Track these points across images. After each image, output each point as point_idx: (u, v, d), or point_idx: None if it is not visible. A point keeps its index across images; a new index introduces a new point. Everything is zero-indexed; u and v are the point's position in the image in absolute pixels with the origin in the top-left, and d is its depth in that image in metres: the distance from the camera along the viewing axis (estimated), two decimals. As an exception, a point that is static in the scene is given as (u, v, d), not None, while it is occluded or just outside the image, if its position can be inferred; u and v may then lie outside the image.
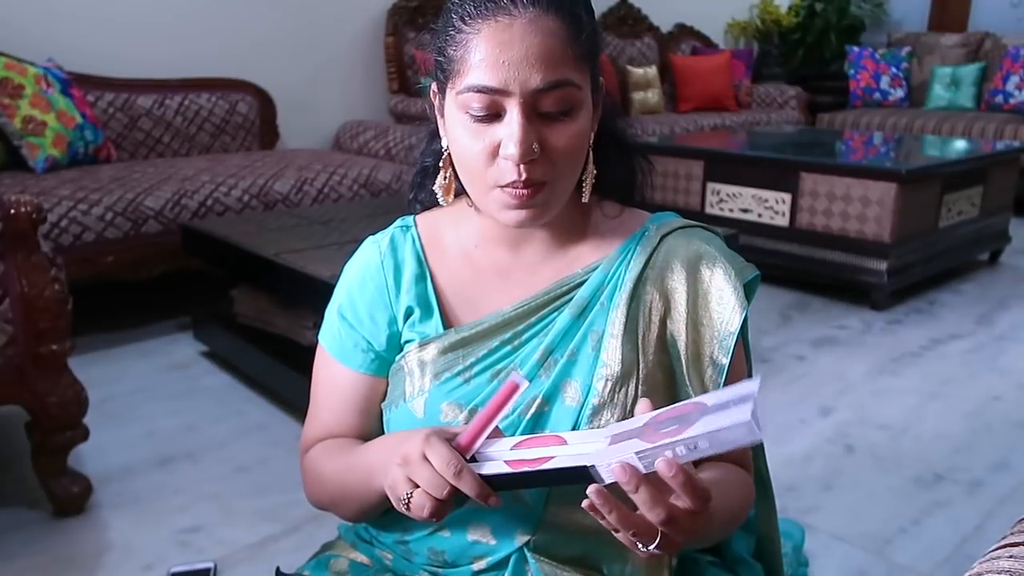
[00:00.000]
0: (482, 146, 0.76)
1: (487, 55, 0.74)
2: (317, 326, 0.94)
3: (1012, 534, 0.67)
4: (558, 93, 0.75)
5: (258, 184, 2.85)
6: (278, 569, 0.93)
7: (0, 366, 1.55)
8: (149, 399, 2.23)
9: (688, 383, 0.83)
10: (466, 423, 0.81)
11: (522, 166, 0.75)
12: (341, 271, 0.93)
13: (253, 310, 2.31)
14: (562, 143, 0.77)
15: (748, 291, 0.85)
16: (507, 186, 0.77)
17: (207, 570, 1.47)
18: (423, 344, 0.85)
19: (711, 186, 3.42)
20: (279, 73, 3.78)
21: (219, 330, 2.43)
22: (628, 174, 0.92)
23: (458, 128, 0.78)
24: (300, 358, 1.98)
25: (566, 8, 0.76)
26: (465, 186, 0.82)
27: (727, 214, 3.36)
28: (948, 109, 5.30)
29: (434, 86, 0.84)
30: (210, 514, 1.69)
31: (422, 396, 0.84)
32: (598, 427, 0.79)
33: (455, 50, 0.76)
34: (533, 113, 0.75)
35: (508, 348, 0.84)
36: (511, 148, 0.74)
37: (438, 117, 0.85)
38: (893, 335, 2.81)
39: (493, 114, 0.75)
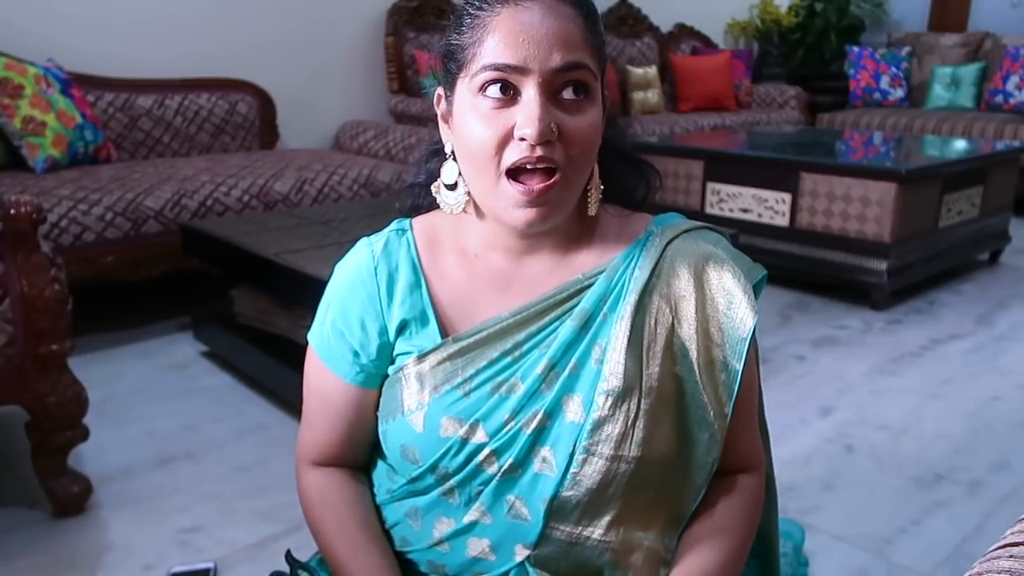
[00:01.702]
0: (495, 131, 0.74)
1: (506, 34, 0.73)
2: (315, 326, 0.93)
3: (1012, 534, 0.67)
4: (576, 74, 0.75)
5: (258, 184, 2.85)
6: (288, 552, 0.93)
7: (0, 366, 1.55)
8: (149, 399, 2.23)
9: (702, 390, 0.81)
10: (466, 438, 0.80)
11: (538, 147, 0.73)
12: (333, 269, 0.91)
13: (253, 310, 2.31)
14: (578, 129, 0.75)
15: (755, 290, 0.84)
16: (519, 179, 0.75)
17: (207, 570, 1.47)
18: (421, 357, 0.83)
19: (711, 186, 3.42)
20: (279, 73, 3.78)
21: (219, 330, 2.43)
22: (636, 184, 0.90)
23: (470, 117, 0.76)
24: (300, 358, 1.96)
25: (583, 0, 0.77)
26: (471, 183, 0.80)
27: (727, 214, 3.36)
28: (948, 109, 5.30)
29: (440, 90, 0.82)
30: (210, 514, 1.69)
31: (421, 410, 0.82)
32: (599, 441, 0.78)
33: (471, 35, 0.75)
34: (550, 95, 0.74)
35: (509, 359, 0.81)
36: (528, 128, 0.73)
37: (442, 124, 0.83)
38: (893, 335, 2.81)
39: (509, 97, 0.74)
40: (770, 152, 3.47)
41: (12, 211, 1.52)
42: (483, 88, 0.74)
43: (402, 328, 0.85)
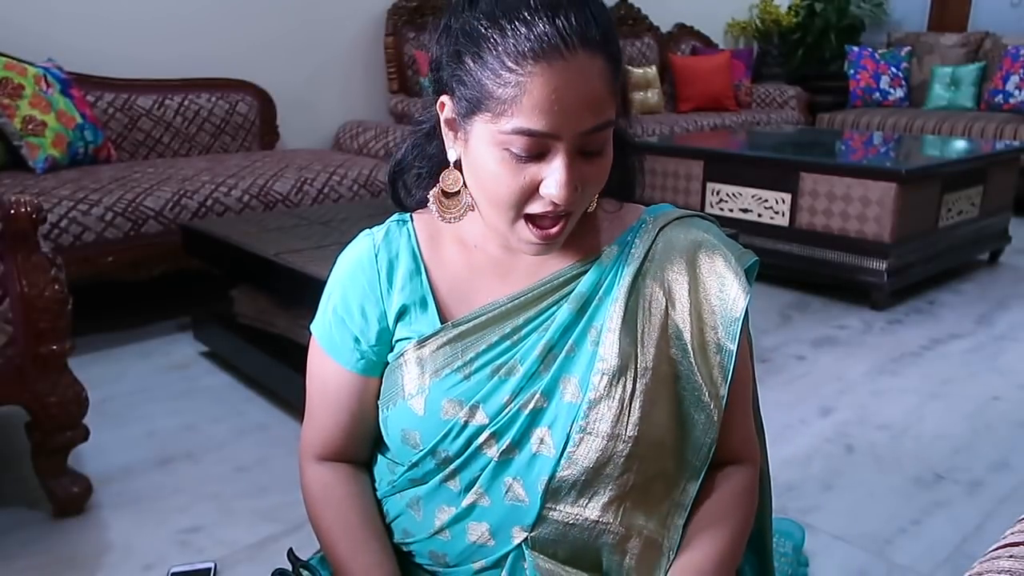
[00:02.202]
0: (519, 184, 0.75)
1: (540, 101, 0.71)
2: (316, 322, 0.94)
3: (1012, 534, 0.67)
4: (603, 134, 0.75)
5: (258, 184, 2.85)
6: (290, 551, 0.93)
7: (0, 366, 1.55)
8: (149, 399, 2.23)
9: (696, 372, 0.83)
10: (467, 420, 0.82)
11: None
12: (335, 260, 0.92)
13: (253, 310, 2.31)
14: (595, 176, 0.78)
15: (747, 276, 0.86)
16: (537, 223, 0.77)
17: (207, 570, 1.47)
18: (421, 342, 0.84)
19: (711, 186, 3.42)
20: (279, 73, 3.78)
21: (219, 330, 2.43)
22: (627, 173, 0.92)
23: (491, 162, 0.75)
24: (300, 358, 1.97)
25: (612, 48, 0.74)
26: (485, 212, 0.81)
27: (727, 214, 3.36)
28: (948, 109, 5.30)
29: (444, 98, 0.80)
30: (210, 514, 1.69)
31: (422, 394, 0.83)
32: (595, 420, 0.79)
33: (501, 87, 0.72)
34: (576, 154, 0.75)
35: (508, 343, 0.83)
36: (554, 190, 0.74)
37: (446, 130, 0.81)
38: (893, 335, 2.81)
39: (536, 154, 0.74)
40: (770, 152, 3.48)
41: (12, 211, 1.52)
42: (511, 148, 0.74)
43: (401, 314, 0.87)
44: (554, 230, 0.77)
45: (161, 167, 2.95)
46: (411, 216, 0.92)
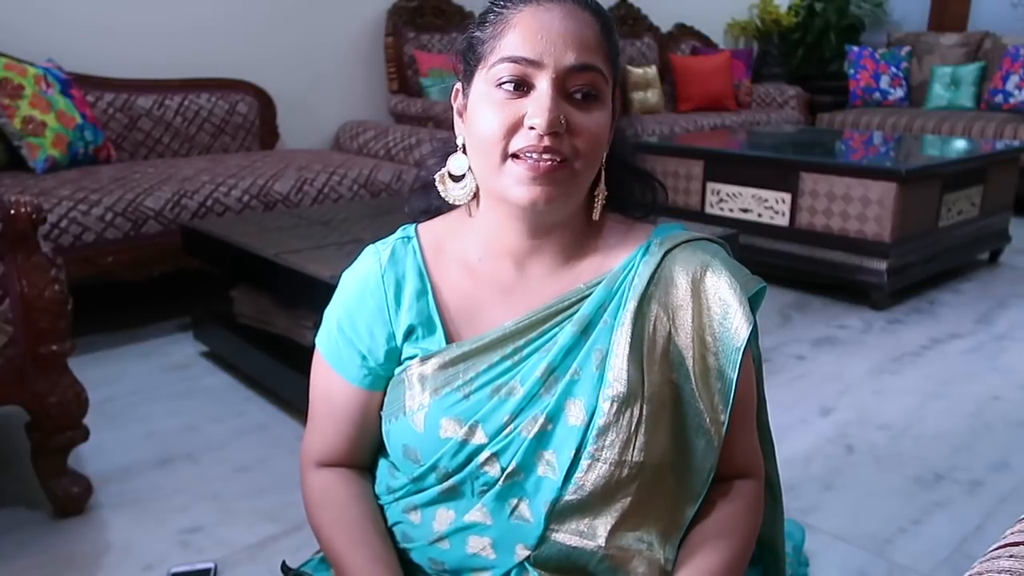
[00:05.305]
0: (505, 117, 0.77)
1: (525, 30, 0.77)
2: (317, 326, 0.94)
3: (1012, 534, 0.67)
4: (588, 75, 0.77)
5: (258, 184, 2.85)
6: (284, 563, 0.93)
7: (0, 366, 1.55)
8: (149, 399, 2.23)
9: (698, 398, 0.82)
10: (465, 439, 0.81)
11: (546, 136, 0.76)
12: (340, 275, 0.92)
13: (253, 310, 2.31)
14: (586, 126, 0.78)
15: (755, 303, 0.85)
16: (525, 156, 0.76)
17: (207, 570, 1.47)
18: (424, 359, 0.84)
19: (711, 186, 3.42)
20: (279, 73, 3.78)
21: (219, 330, 2.43)
22: (641, 196, 0.92)
23: (483, 105, 0.78)
24: (300, 358, 1.98)
25: (601, 9, 0.81)
26: (477, 169, 0.82)
27: (727, 214, 3.36)
28: (948, 109, 5.30)
29: (457, 85, 0.85)
30: (210, 514, 1.69)
31: (422, 411, 0.83)
32: (604, 447, 0.79)
33: (492, 30, 0.79)
34: (562, 91, 0.77)
35: (509, 363, 0.83)
36: (538, 118, 0.75)
37: (456, 119, 0.85)
38: (893, 335, 2.81)
39: (522, 89, 0.77)
40: (770, 152, 3.47)
41: (12, 211, 1.52)
42: (499, 80, 0.77)
43: (409, 333, 0.86)
44: (546, 162, 0.76)
45: (161, 167, 2.95)
46: (416, 231, 0.91)
